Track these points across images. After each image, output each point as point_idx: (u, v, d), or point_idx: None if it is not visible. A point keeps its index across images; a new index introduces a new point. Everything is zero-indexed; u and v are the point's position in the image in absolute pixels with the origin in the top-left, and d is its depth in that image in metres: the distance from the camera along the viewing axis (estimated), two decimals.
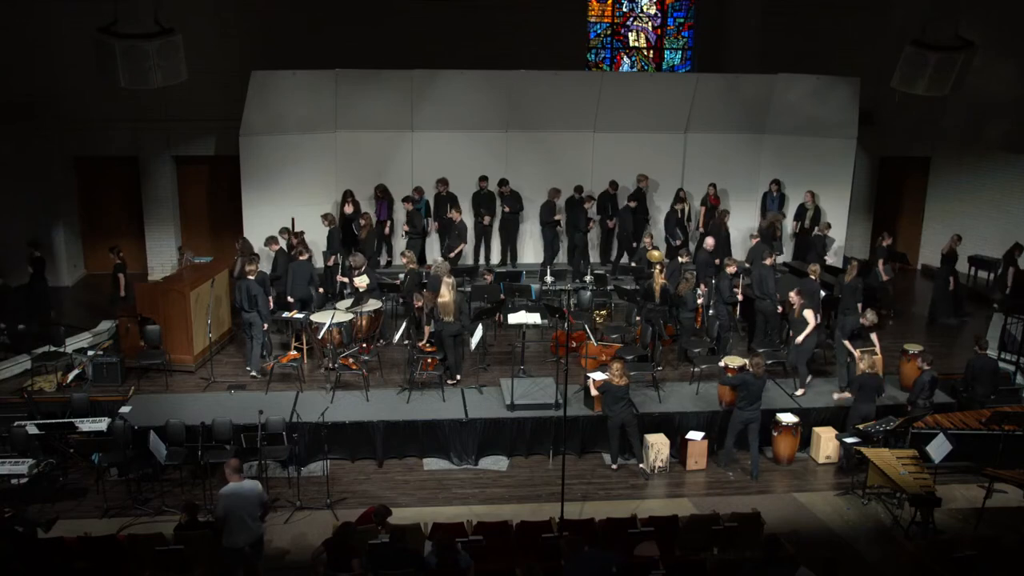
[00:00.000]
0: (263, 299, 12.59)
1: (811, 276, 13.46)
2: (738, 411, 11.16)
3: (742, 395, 11.04)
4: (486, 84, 16.00)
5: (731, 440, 11.35)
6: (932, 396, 11.52)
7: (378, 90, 15.70)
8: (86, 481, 10.82)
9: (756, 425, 11.16)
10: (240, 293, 12.60)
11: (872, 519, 10.44)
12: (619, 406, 11.06)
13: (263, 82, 14.97)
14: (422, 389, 12.23)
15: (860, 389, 11.19)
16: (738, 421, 11.18)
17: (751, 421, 11.13)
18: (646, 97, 16.50)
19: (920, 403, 11.43)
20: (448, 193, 16.15)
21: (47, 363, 12.61)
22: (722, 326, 13.26)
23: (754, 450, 11.26)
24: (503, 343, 13.84)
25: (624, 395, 11.07)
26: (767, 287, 13.48)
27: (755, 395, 11.03)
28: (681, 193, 16.52)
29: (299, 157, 15.82)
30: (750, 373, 11.06)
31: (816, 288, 13.28)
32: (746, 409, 11.07)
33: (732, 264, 13.68)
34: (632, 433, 11.27)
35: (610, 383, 11.01)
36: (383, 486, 10.98)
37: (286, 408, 11.25)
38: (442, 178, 16.14)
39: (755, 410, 11.09)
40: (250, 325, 12.71)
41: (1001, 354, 13.52)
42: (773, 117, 16.72)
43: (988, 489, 10.54)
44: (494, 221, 16.45)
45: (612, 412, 11.14)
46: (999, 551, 8.91)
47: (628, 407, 11.18)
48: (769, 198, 16.73)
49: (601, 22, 19.45)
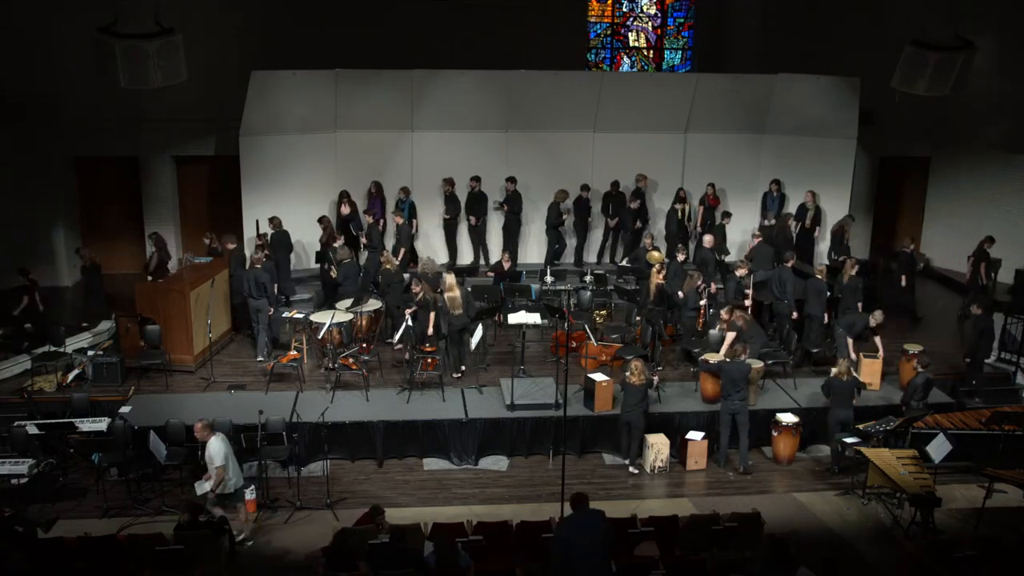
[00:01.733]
0: (271, 287, 13.15)
1: (817, 276, 13.46)
2: (724, 402, 11.20)
3: (723, 382, 11.12)
4: (486, 84, 16.00)
5: (725, 437, 11.36)
6: (926, 398, 11.50)
7: (378, 90, 15.70)
8: (86, 481, 10.81)
9: (743, 417, 11.16)
10: (249, 282, 12.98)
11: (872, 519, 10.44)
12: (631, 404, 11.08)
13: (263, 82, 14.97)
14: (422, 389, 12.23)
15: (833, 394, 11.17)
16: (725, 413, 11.22)
17: (736, 412, 11.15)
18: (646, 97, 16.50)
19: (913, 404, 11.41)
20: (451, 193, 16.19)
21: (47, 363, 12.60)
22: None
23: (743, 442, 11.26)
24: (503, 343, 13.84)
25: (639, 394, 11.06)
26: (786, 290, 13.50)
27: (734, 381, 11.04)
28: (681, 193, 16.53)
29: (299, 157, 15.83)
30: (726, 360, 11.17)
31: (823, 287, 13.29)
32: (729, 399, 11.10)
33: (743, 266, 13.61)
34: (634, 435, 11.27)
35: (627, 381, 11.05)
36: (383, 486, 10.98)
37: (286, 408, 11.25)
38: (449, 178, 16.15)
39: (738, 400, 11.10)
40: (258, 311, 13.05)
41: (1001, 354, 13.53)
42: (773, 117, 16.72)
43: (988, 489, 10.53)
44: (486, 221, 16.41)
45: (624, 410, 11.17)
46: (999, 551, 8.90)
47: (639, 407, 11.13)
48: (769, 198, 16.72)
49: (601, 22, 19.47)
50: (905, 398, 11.60)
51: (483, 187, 16.18)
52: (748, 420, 11.24)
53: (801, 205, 16.50)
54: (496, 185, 16.24)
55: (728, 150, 16.90)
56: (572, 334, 12.58)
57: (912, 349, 12.40)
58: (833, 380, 11.20)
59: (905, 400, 11.59)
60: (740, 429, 11.26)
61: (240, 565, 9.26)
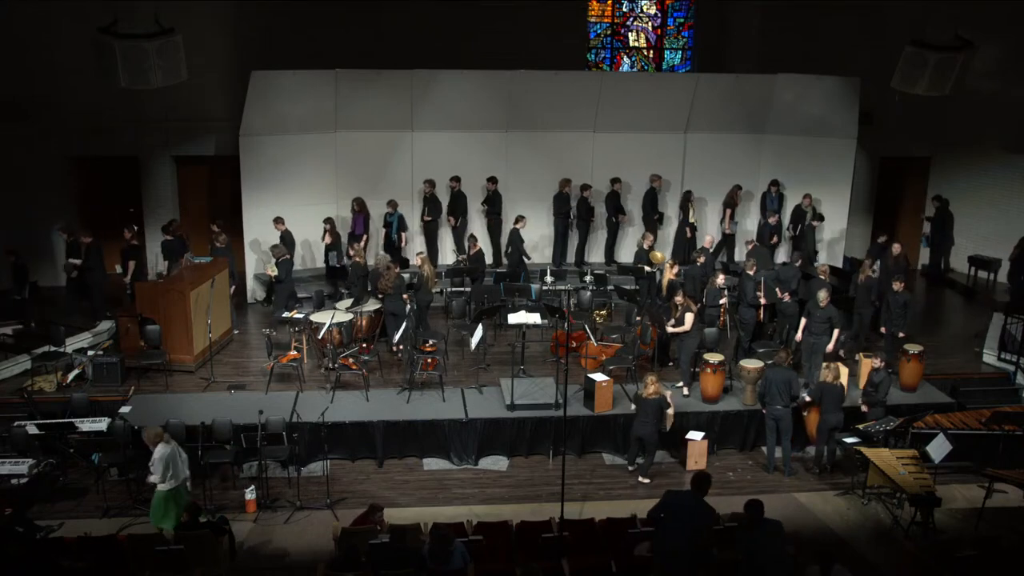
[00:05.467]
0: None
1: (820, 276, 13.46)
2: (768, 408, 11.25)
3: (766, 389, 11.16)
4: (486, 84, 16.00)
5: (771, 442, 11.37)
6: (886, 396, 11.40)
7: (378, 90, 15.70)
8: (86, 481, 10.82)
9: (785, 423, 11.14)
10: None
11: (872, 519, 10.45)
12: (642, 418, 10.95)
13: (263, 82, 14.97)
14: (422, 389, 12.24)
15: (823, 398, 11.10)
16: (769, 419, 11.27)
17: (779, 418, 11.14)
18: (646, 97, 16.49)
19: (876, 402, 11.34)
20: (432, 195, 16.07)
21: (47, 363, 12.61)
22: (746, 327, 13.22)
23: (785, 448, 11.25)
24: (503, 343, 13.85)
25: (651, 408, 10.84)
26: (792, 287, 13.58)
27: (778, 388, 11.04)
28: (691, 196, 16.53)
29: (299, 157, 15.82)
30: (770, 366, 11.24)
31: (825, 286, 13.27)
32: (771, 405, 11.13)
33: (753, 266, 13.57)
34: (648, 449, 11.13)
35: (640, 394, 11.00)
36: (383, 486, 10.98)
37: (286, 408, 11.26)
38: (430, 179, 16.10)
39: (780, 407, 11.07)
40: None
41: (1001, 354, 13.53)
42: (773, 117, 16.72)
43: (988, 489, 10.54)
44: (467, 222, 16.33)
45: (637, 421, 11.08)
46: (999, 551, 8.90)
47: (651, 423, 10.89)
48: (769, 198, 16.73)
49: (601, 22, 19.46)
50: (865, 398, 11.48)
51: (463, 187, 16.13)
52: (791, 426, 11.22)
53: (797, 207, 16.49)
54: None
55: (728, 150, 16.90)
56: (572, 334, 12.58)
57: (912, 349, 12.38)
58: (824, 385, 11.11)
59: (867, 401, 11.43)
60: (783, 435, 11.24)
61: (240, 565, 9.27)
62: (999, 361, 13.53)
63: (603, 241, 17.06)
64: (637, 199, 16.77)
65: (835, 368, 11.14)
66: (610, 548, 8.76)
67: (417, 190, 16.29)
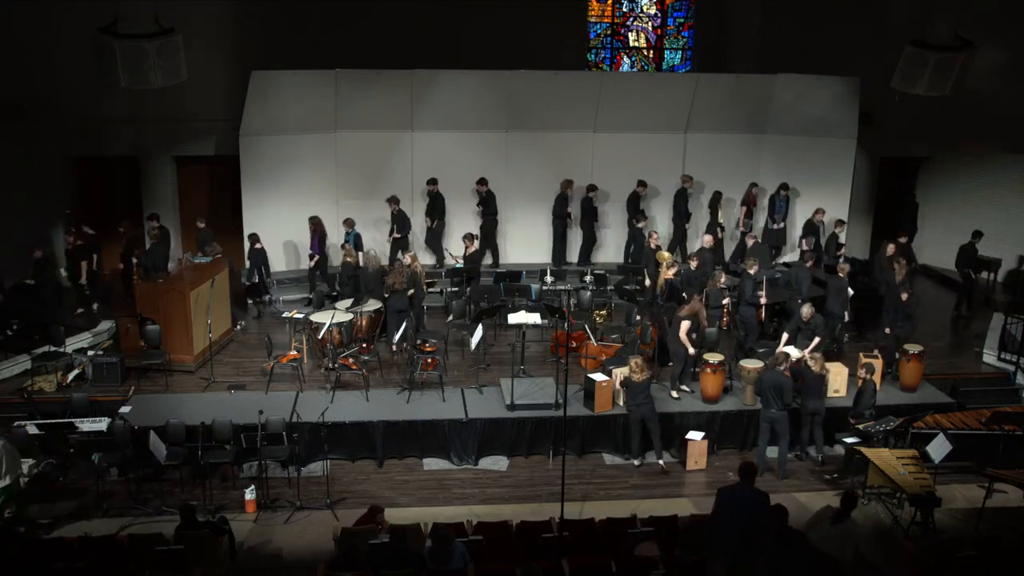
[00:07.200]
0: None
1: (839, 274, 13.45)
2: (763, 411, 11.22)
3: (762, 391, 11.16)
4: (486, 84, 16.00)
5: (763, 444, 11.31)
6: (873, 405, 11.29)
7: (378, 90, 15.70)
8: (86, 481, 10.80)
9: (781, 425, 11.09)
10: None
11: (872, 519, 10.44)
12: (639, 400, 11.12)
13: (263, 82, 14.97)
14: (422, 389, 12.23)
15: (805, 385, 11.14)
16: (763, 421, 11.22)
17: (775, 420, 11.10)
18: (646, 97, 16.50)
19: (866, 415, 11.18)
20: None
21: (47, 363, 12.61)
22: (748, 327, 13.20)
23: (782, 450, 11.23)
24: (503, 343, 13.85)
25: (644, 390, 11.12)
26: (803, 289, 13.55)
27: (773, 391, 10.97)
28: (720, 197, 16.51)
29: (299, 157, 15.83)
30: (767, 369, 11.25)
31: (844, 285, 13.28)
32: (768, 407, 11.09)
33: (754, 265, 13.51)
34: (653, 429, 11.28)
35: (630, 378, 11.08)
36: (383, 486, 10.98)
37: (286, 408, 11.26)
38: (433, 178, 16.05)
39: (776, 410, 11.02)
40: None
41: (1001, 354, 13.53)
42: (773, 117, 16.72)
43: (988, 489, 10.54)
44: (443, 224, 16.27)
45: (632, 407, 11.20)
46: (999, 551, 8.90)
47: (648, 401, 11.20)
48: (777, 201, 16.62)
49: (601, 22, 19.46)
50: (855, 410, 11.32)
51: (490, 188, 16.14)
52: (788, 429, 11.19)
53: (808, 221, 16.35)
54: (496, 186, 16.23)
55: (728, 150, 16.90)
56: (572, 334, 12.58)
57: (913, 349, 12.37)
58: (806, 371, 11.17)
59: (855, 412, 11.29)
60: (779, 438, 11.23)
61: (240, 565, 9.27)
62: (999, 361, 13.53)
63: (611, 242, 17.02)
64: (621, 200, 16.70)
65: (820, 359, 11.25)
66: (610, 548, 8.75)
67: (420, 191, 16.26)
